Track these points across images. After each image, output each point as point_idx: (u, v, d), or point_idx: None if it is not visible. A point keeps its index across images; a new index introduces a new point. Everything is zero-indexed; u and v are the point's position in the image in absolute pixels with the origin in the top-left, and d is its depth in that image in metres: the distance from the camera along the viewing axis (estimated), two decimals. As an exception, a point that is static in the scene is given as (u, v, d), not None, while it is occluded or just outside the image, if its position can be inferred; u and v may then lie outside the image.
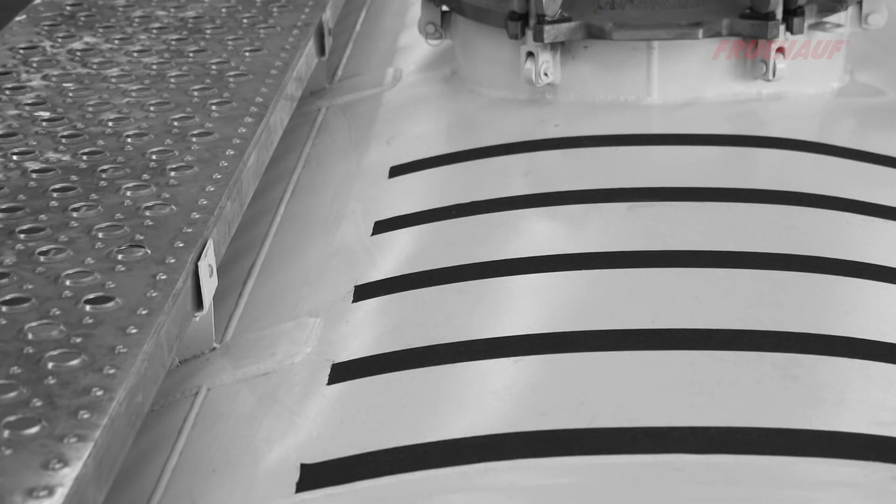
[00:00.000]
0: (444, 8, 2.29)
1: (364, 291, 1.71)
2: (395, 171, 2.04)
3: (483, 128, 2.16)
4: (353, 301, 1.69)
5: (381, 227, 1.88)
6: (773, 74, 2.10)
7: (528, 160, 2.01)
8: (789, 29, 2.08)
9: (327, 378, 1.52)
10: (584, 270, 1.67)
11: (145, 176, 1.76)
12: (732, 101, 2.14)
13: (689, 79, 2.14)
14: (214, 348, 1.66)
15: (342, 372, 1.53)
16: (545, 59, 2.13)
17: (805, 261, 1.67)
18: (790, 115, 2.12)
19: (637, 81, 2.14)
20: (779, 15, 2.07)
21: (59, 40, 2.24)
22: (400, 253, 1.80)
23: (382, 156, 2.11)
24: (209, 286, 1.59)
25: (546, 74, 2.14)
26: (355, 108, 2.34)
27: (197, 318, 1.58)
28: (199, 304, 1.57)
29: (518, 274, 1.68)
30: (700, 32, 2.06)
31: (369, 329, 1.62)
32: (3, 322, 1.41)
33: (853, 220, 1.79)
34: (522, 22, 2.12)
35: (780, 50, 2.09)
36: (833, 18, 2.15)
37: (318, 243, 1.88)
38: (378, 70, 2.49)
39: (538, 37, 2.10)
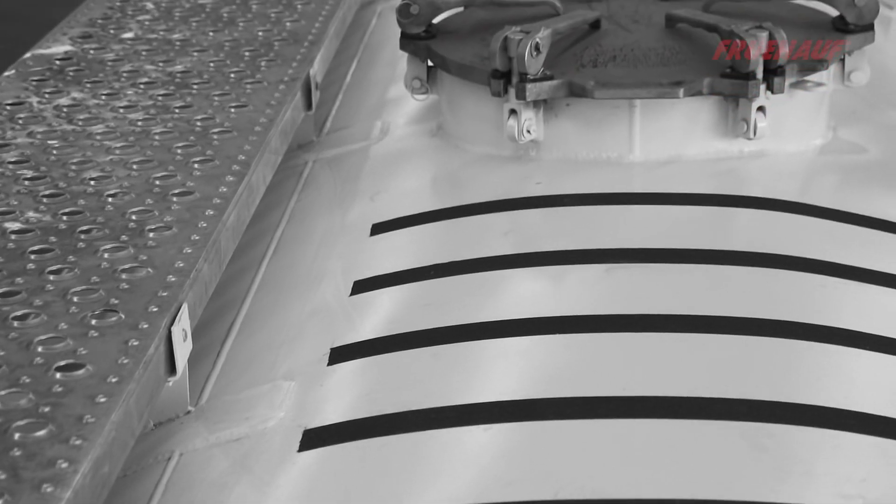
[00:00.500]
0: (430, 63, 2.30)
1: (340, 354, 1.71)
2: (377, 228, 2.05)
3: (466, 185, 2.17)
4: (329, 364, 1.69)
5: (361, 286, 1.88)
6: (754, 133, 2.11)
7: (509, 219, 2.02)
8: (770, 88, 2.09)
9: (298, 444, 1.52)
10: (557, 335, 1.68)
11: (124, 237, 1.77)
12: (714, 158, 2.15)
13: (671, 136, 2.15)
14: (189, 411, 1.67)
15: (313, 438, 1.53)
16: (528, 116, 2.14)
17: (777, 326, 1.68)
18: (771, 173, 2.13)
19: (619, 139, 2.15)
20: (759, 75, 2.08)
21: (47, 96, 2.26)
22: (377, 314, 1.81)
23: (365, 212, 2.12)
24: (183, 351, 1.60)
25: (529, 132, 2.15)
26: (342, 162, 2.36)
27: (170, 383, 1.59)
28: (172, 368, 1.58)
29: (493, 337, 1.69)
30: (681, 92, 2.07)
31: (343, 394, 1.63)
32: (-26, 390, 1.42)
33: (827, 282, 1.80)
34: (505, 80, 2.13)
35: (761, 109, 2.10)
36: (815, 77, 2.16)
37: (298, 302, 1.89)
38: (366, 123, 2.50)
39: (520, 95, 2.11)
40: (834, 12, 2.26)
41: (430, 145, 2.31)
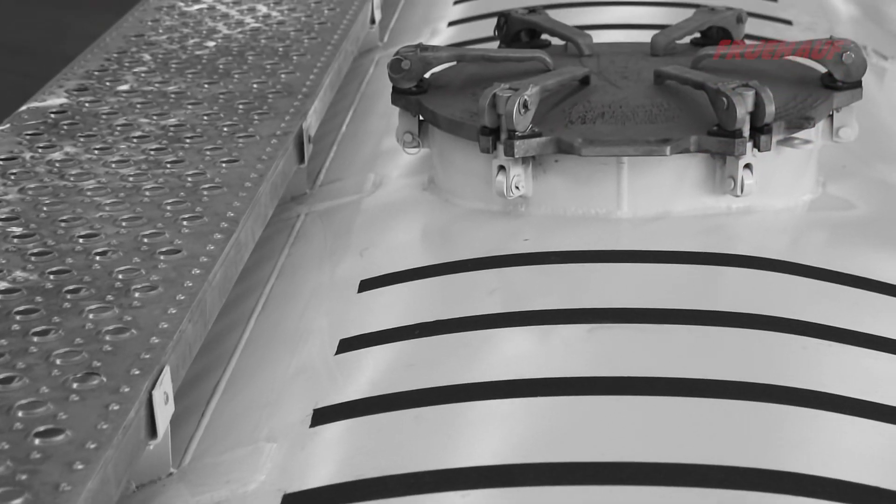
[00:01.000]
0: (422, 117, 2.32)
1: (322, 415, 1.72)
2: (365, 284, 2.06)
3: (455, 240, 2.18)
4: (311, 426, 1.70)
5: (346, 345, 1.89)
6: (742, 190, 2.12)
7: (496, 276, 2.03)
8: (756, 146, 2.10)
9: (277, 509, 1.54)
10: (539, 397, 1.69)
11: (109, 297, 1.79)
12: (702, 214, 2.16)
13: (659, 193, 2.16)
14: (171, 473, 1.68)
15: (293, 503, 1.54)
16: (516, 172, 2.15)
17: (757, 389, 1.69)
18: (759, 230, 2.13)
19: (607, 195, 2.16)
20: (746, 132, 2.09)
21: (40, 151, 2.28)
22: (361, 374, 1.82)
23: (354, 268, 2.13)
24: (164, 414, 1.61)
25: (517, 188, 2.16)
26: (334, 216, 2.37)
27: (151, 447, 1.60)
28: (153, 432, 1.59)
29: (475, 400, 1.70)
30: (668, 149, 2.08)
31: (324, 457, 1.64)
32: (-47, 456, 1.44)
33: (809, 344, 1.81)
34: (494, 136, 2.14)
35: (748, 166, 2.11)
36: (802, 134, 2.16)
37: (283, 361, 1.90)
38: (359, 175, 2.51)
39: (509, 151, 2.12)
40: (822, 69, 2.27)
41: (422, 199, 2.32)
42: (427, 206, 2.29)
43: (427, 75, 2.36)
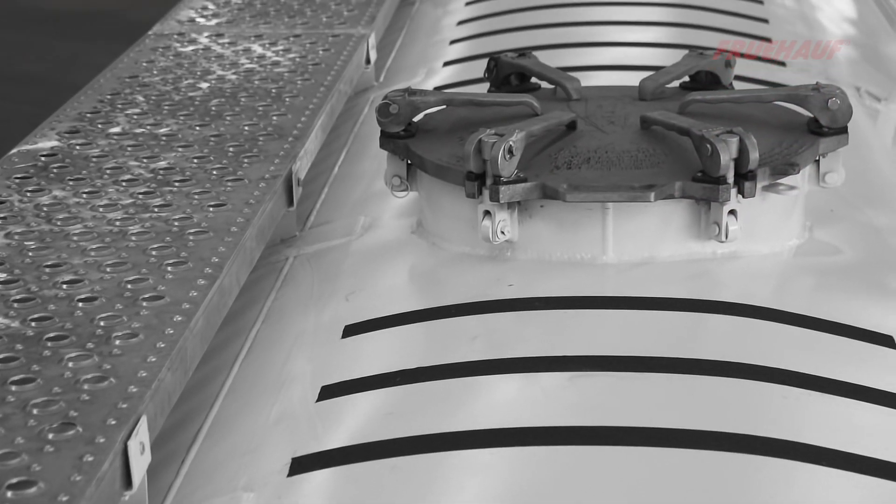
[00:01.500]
0: (410, 161, 2.32)
1: (301, 464, 1.72)
2: (350, 330, 2.07)
3: (440, 285, 2.18)
4: (289, 475, 1.71)
5: (328, 392, 1.90)
6: (726, 236, 2.12)
7: (479, 322, 2.03)
8: (741, 192, 2.10)
9: (251, 560, 1.54)
10: (516, 447, 1.69)
11: (90, 345, 1.79)
12: (687, 260, 2.16)
13: (644, 238, 2.16)
14: (148, 523, 1.68)
15: (266, 554, 1.54)
16: (502, 217, 2.16)
17: (737, 440, 1.68)
18: (744, 276, 2.13)
19: (592, 240, 2.16)
20: (730, 179, 2.09)
21: (28, 194, 2.28)
22: (341, 422, 1.82)
23: (339, 312, 2.13)
24: (140, 464, 1.61)
25: (503, 233, 2.16)
26: (322, 259, 2.38)
27: (126, 498, 1.60)
28: (128, 482, 1.60)
29: (452, 449, 1.70)
30: (652, 196, 2.09)
31: (299, 507, 1.64)
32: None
33: (790, 393, 1.80)
34: (480, 182, 2.14)
35: (733, 212, 2.11)
36: (787, 180, 2.17)
37: (265, 408, 1.90)
38: (349, 218, 2.52)
39: (494, 197, 2.12)
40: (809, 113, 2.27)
41: (409, 243, 2.32)
42: (414, 250, 2.29)
43: (416, 119, 2.36)
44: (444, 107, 2.41)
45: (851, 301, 2.08)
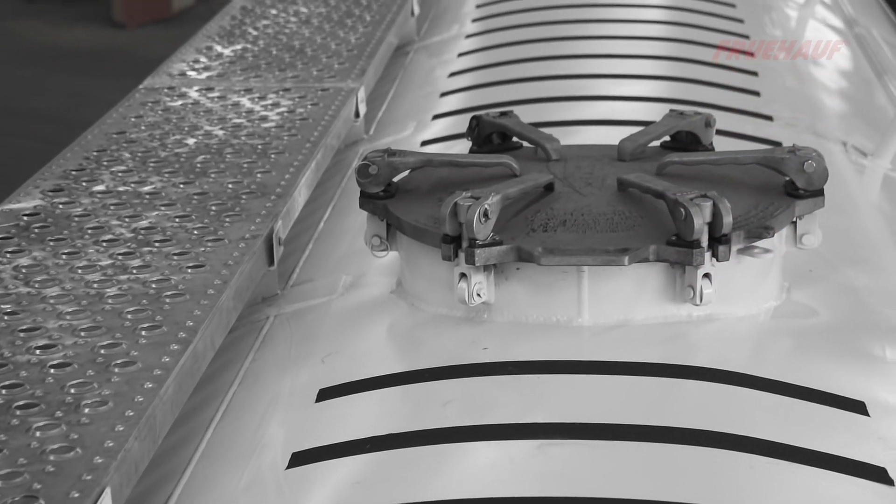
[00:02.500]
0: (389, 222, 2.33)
1: (266, 534, 1.73)
2: (324, 394, 2.07)
3: (415, 348, 2.19)
4: (254, 545, 1.71)
5: (298, 459, 1.90)
6: (701, 300, 2.12)
7: (452, 387, 2.04)
8: (715, 256, 2.11)
9: None
10: (480, 518, 1.69)
11: (58, 413, 1.80)
12: (662, 323, 2.16)
13: (620, 301, 2.16)
14: None
15: None
16: (478, 280, 2.16)
17: (700, 512, 1.69)
18: (719, 340, 2.13)
19: (568, 303, 2.17)
20: (704, 243, 2.09)
21: (8, 255, 2.30)
22: (309, 491, 1.82)
23: (315, 375, 2.14)
24: (103, 537, 1.62)
25: (479, 295, 2.17)
26: (302, 318, 2.38)
27: (87, 570, 1.61)
28: (90, 555, 1.60)
29: (417, 520, 1.70)
30: (626, 259, 2.09)
31: (261, 579, 1.64)
32: None
33: (757, 463, 1.80)
34: (456, 244, 2.15)
35: (707, 276, 2.11)
36: (762, 243, 2.17)
37: (236, 475, 1.91)
38: (331, 276, 2.52)
39: (470, 260, 2.13)
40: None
41: (389, 303, 2.33)
42: (393, 311, 2.30)
43: (396, 179, 2.37)
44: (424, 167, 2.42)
45: (826, 365, 2.08)
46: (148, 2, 16.91)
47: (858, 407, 1.97)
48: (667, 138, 2.50)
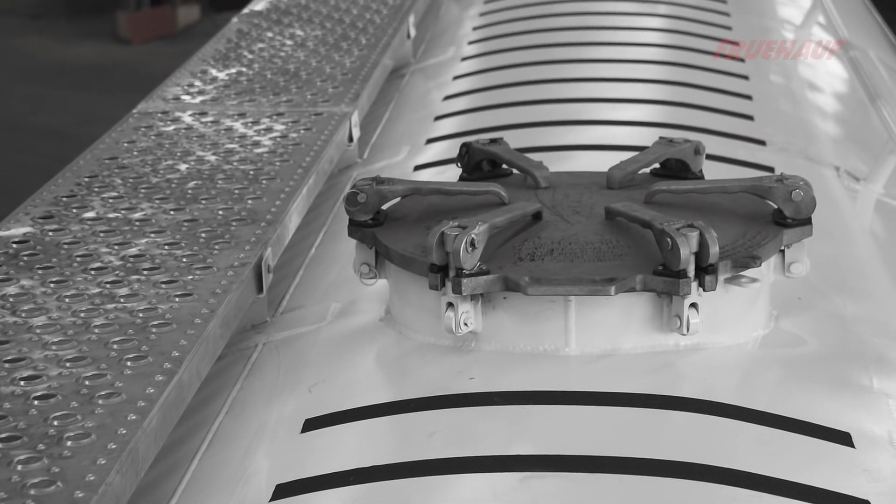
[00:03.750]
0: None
1: (248, 568, 1.73)
2: (309, 424, 2.07)
3: (402, 378, 2.18)
4: (235, 579, 1.71)
5: (282, 491, 1.90)
6: (688, 329, 2.12)
7: (437, 418, 2.03)
8: (702, 285, 2.10)
9: None
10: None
11: (41, 446, 1.80)
12: (650, 352, 2.15)
13: (607, 330, 2.16)
14: None
15: None
16: (465, 309, 2.16)
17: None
18: (707, 369, 2.13)
19: (555, 332, 2.16)
20: (690, 272, 2.09)
21: (-5, 284, 2.30)
22: (291, 524, 1.82)
23: (301, 405, 2.14)
24: (81, 572, 1.61)
25: (466, 324, 2.17)
26: (290, 346, 2.38)
27: None
28: (69, 591, 1.60)
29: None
30: (612, 289, 2.09)
31: None
32: None
33: (739, 495, 1.80)
34: (443, 273, 2.15)
35: (694, 305, 2.11)
36: (749, 273, 2.17)
37: (219, 507, 1.91)
38: (321, 304, 2.52)
39: (456, 289, 2.13)
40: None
41: (377, 331, 2.33)
42: (381, 339, 2.29)
43: (385, 207, 2.37)
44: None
45: (812, 396, 2.08)
46: (153, 18, 16.97)
47: (844, 438, 1.97)
48: (656, 165, 2.50)
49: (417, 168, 3.10)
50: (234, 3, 4.28)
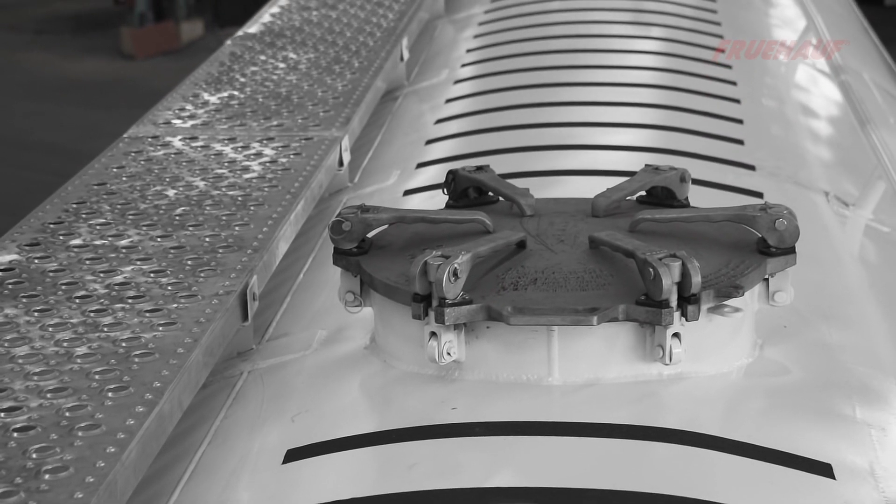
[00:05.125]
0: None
1: None
2: (291, 455, 2.07)
3: (385, 407, 2.18)
4: None
5: (261, 523, 1.90)
6: (670, 359, 2.11)
7: (418, 449, 2.03)
8: (684, 315, 2.10)
9: None
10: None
11: (18, 479, 1.80)
12: (633, 382, 2.15)
13: (590, 360, 2.15)
14: None
15: None
16: (448, 338, 2.16)
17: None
18: (689, 399, 2.12)
19: (538, 361, 2.16)
20: (673, 302, 2.09)
21: (-21, 313, 2.30)
22: (269, 557, 1.82)
23: (283, 435, 2.13)
24: None
25: (449, 354, 2.16)
26: (275, 374, 2.38)
27: None
28: None
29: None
30: (595, 319, 2.09)
31: None
32: None
33: (719, 531, 1.80)
34: (426, 303, 2.15)
35: (676, 335, 2.11)
36: (732, 302, 2.16)
37: (198, 539, 1.90)
38: (307, 331, 2.52)
39: (439, 319, 2.13)
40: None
41: (361, 360, 2.32)
42: (365, 369, 2.29)
43: (370, 234, 2.37)
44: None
45: (795, 426, 2.07)
46: (156, 34, 17.01)
47: (825, 470, 1.96)
48: (643, 193, 2.50)
49: (407, 193, 3.10)
50: (237, 19, 4.29)
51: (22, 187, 11.27)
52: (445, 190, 2.55)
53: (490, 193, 2.55)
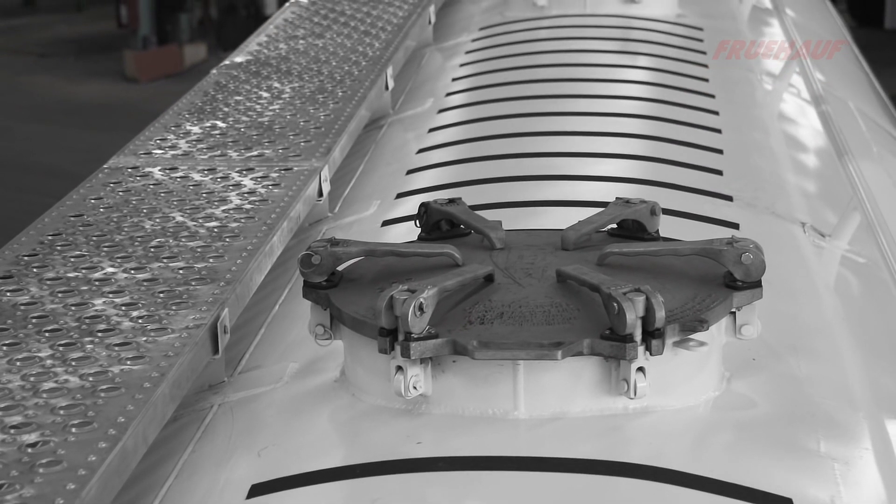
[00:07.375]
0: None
1: None
2: (255, 490, 2.07)
3: (351, 441, 2.18)
4: None
5: (221, 559, 1.90)
6: (635, 393, 2.11)
7: (381, 484, 2.03)
8: (648, 349, 2.10)
9: None
10: None
11: (-24, 517, 1.80)
12: (598, 416, 2.15)
13: (555, 394, 2.15)
14: None
15: None
16: (414, 372, 2.16)
17: None
18: (655, 433, 2.12)
19: (504, 395, 2.16)
20: (637, 337, 2.09)
21: (-51, 347, 2.30)
22: None
23: (249, 470, 2.13)
24: None
25: (415, 388, 2.17)
26: (245, 407, 2.38)
27: None
28: None
29: None
30: (559, 353, 2.09)
31: None
32: None
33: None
34: (392, 337, 2.15)
35: (641, 369, 2.11)
36: (697, 336, 2.16)
37: (158, 576, 1.90)
38: (279, 364, 2.52)
39: (405, 353, 2.13)
40: (725, 266, 2.27)
41: (331, 393, 2.33)
42: (333, 402, 2.29)
43: (340, 268, 2.38)
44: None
45: (758, 460, 2.07)
46: (160, 57, 17.06)
47: (786, 504, 1.96)
48: (613, 226, 2.50)
49: (386, 223, 3.11)
50: (240, 42, 4.31)
51: (20, 209, 11.30)
52: (418, 222, 2.55)
53: (462, 226, 2.55)
